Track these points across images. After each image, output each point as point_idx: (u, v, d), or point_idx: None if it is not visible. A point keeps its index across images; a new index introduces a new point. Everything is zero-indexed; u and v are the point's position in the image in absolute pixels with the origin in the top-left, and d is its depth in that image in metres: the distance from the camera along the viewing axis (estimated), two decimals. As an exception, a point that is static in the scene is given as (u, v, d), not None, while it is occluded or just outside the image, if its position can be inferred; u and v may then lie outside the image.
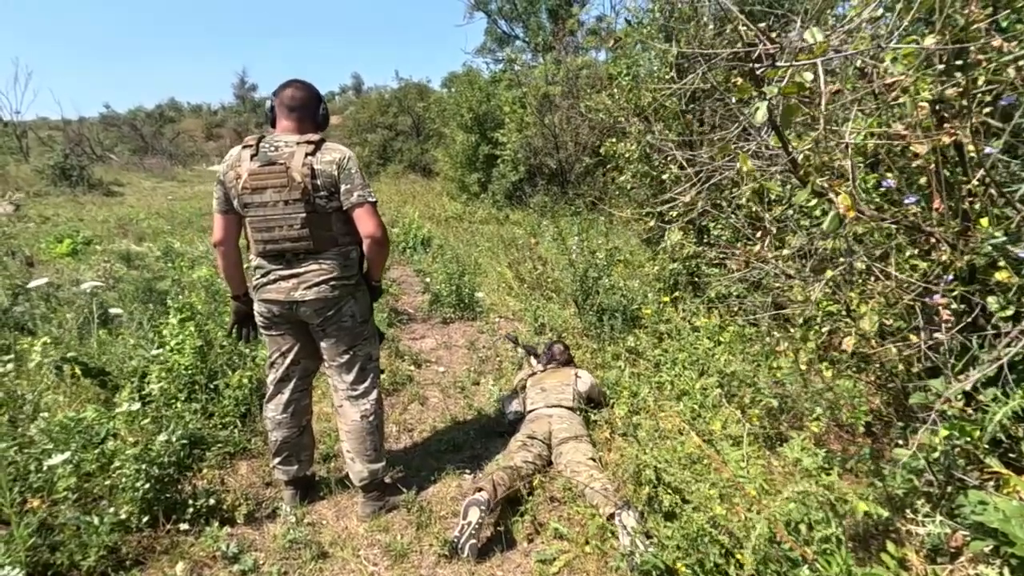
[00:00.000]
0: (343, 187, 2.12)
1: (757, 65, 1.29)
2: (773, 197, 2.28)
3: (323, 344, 2.30)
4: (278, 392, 2.38)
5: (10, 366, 2.93)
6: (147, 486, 2.14)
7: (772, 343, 2.04)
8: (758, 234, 2.11)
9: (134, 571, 1.92)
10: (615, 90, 5.57)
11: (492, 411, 3.30)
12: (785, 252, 1.92)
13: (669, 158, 4.06)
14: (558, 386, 3.01)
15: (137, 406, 2.49)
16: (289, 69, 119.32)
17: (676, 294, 4.26)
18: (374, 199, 2.17)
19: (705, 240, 4.36)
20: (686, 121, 4.71)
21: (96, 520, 1.98)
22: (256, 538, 2.23)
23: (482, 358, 4.11)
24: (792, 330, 2.20)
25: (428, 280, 5.87)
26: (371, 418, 2.33)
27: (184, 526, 2.16)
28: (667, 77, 4.57)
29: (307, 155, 2.09)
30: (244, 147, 2.14)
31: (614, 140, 5.23)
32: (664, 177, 4.24)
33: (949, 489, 1.61)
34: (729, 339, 3.37)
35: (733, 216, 3.14)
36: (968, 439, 1.47)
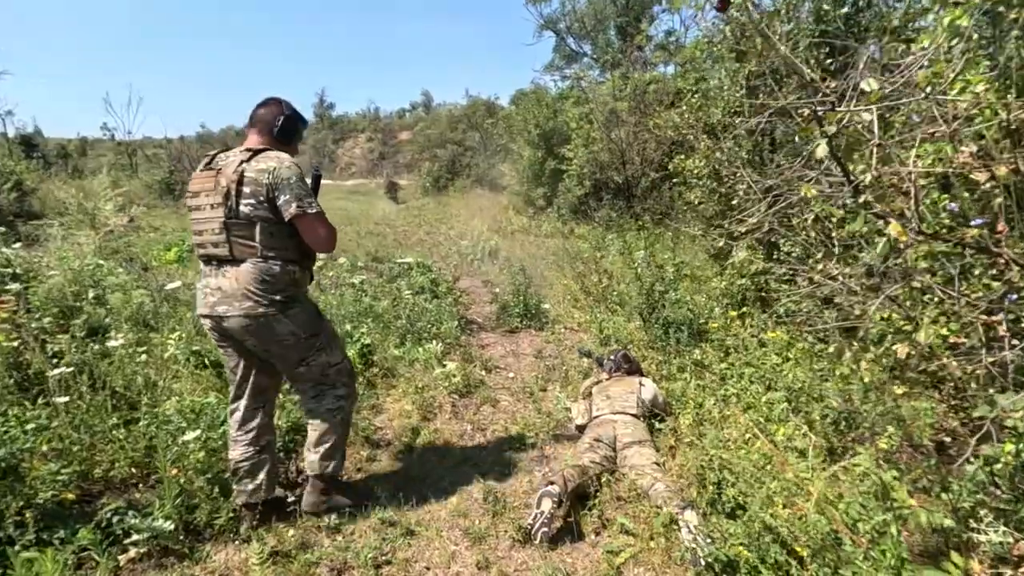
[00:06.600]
0: (280, 198, 2.09)
1: (819, 108, 1.42)
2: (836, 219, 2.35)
3: (275, 362, 2.29)
4: (234, 410, 2.34)
5: (144, 356, 3.41)
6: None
7: (836, 354, 2.11)
8: (822, 252, 2.19)
9: (260, 530, 2.24)
10: (684, 107, 5.67)
11: (559, 415, 3.48)
12: (847, 270, 1.99)
13: (738, 176, 4.12)
14: (623, 394, 3.15)
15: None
16: (363, 90, 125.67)
17: (744, 309, 4.29)
18: (315, 209, 2.14)
19: (775, 256, 4.37)
20: (756, 139, 4.74)
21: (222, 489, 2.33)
22: (353, 514, 2.50)
23: (549, 366, 4.30)
24: (858, 345, 2.26)
25: (496, 291, 6.12)
26: (336, 412, 2.36)
27: (292, 498, 2.47)
28: (737, 95, 4.63)
29: (241, 162, 2.12)
30: (203, 156, 2.29)
31: (683, 156, 5.33)
32: (732, 194, 4.31)
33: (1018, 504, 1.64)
34: (797, 355, 3.38)
35: (803, 234, 3.18)
36: (1034, 454, 1.51)
